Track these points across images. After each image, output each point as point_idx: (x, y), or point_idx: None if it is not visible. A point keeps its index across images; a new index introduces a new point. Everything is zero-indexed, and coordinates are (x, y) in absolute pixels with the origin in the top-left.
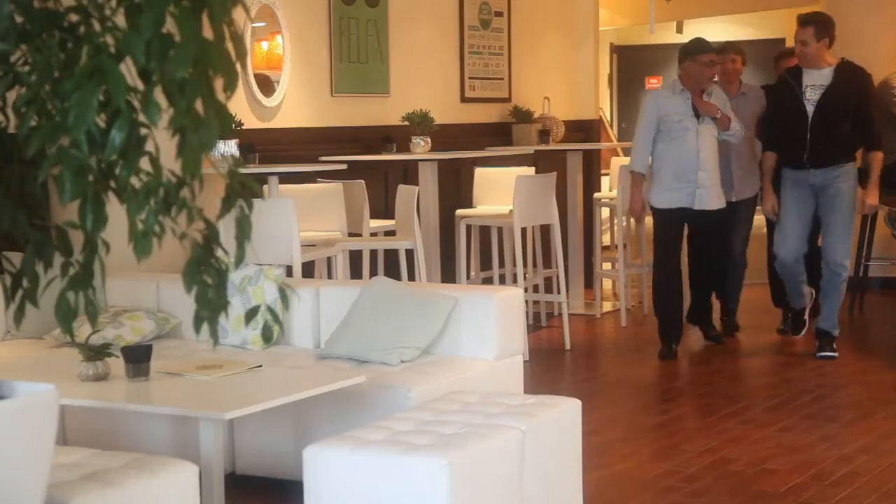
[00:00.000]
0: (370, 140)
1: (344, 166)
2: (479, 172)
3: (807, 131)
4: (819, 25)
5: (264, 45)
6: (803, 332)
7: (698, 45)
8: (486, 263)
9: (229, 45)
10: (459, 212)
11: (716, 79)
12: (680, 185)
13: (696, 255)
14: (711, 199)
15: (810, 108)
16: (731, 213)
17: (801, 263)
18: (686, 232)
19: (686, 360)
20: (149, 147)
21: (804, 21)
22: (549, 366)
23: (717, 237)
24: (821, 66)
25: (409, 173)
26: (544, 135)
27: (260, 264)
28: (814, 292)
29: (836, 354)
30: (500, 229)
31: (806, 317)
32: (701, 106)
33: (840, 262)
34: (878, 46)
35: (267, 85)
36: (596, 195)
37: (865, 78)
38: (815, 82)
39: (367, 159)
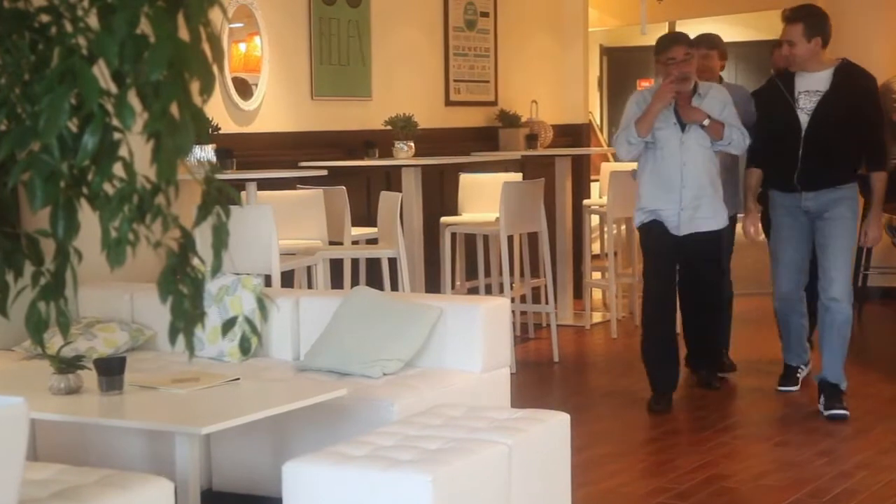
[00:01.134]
0: (351, 145)
1: (324, 172)
2: (465, 178)
3: (799, 146)
4: (809, 22)
5: (242, 46)
6: (795, 388)
7: (659, 41)
8: (471, 273)
9: (206, 47)
10: (444, 219)
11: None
12: (659, 205)
13: (686, 289)
14: (697, 220)
15: (804, 119)
16: None
17: (803, 302)
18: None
19: (679, 373)
20: (122, 152)
21: (790, 17)
22: (536, 379)
23: (712, 263)
24: (816, 68)
25: (391, 179)
26: (532, 139)
27: (237, 274)
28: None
29: (847, 413)
30: (486, 237)
31: (800, 374)
32: (683, 111)
33: (837, 297)
34: (877, 48)
35: (245, 88)
36: (585, 202)
37: (869, 82)
38: (810, 87)
39: (349, 165)
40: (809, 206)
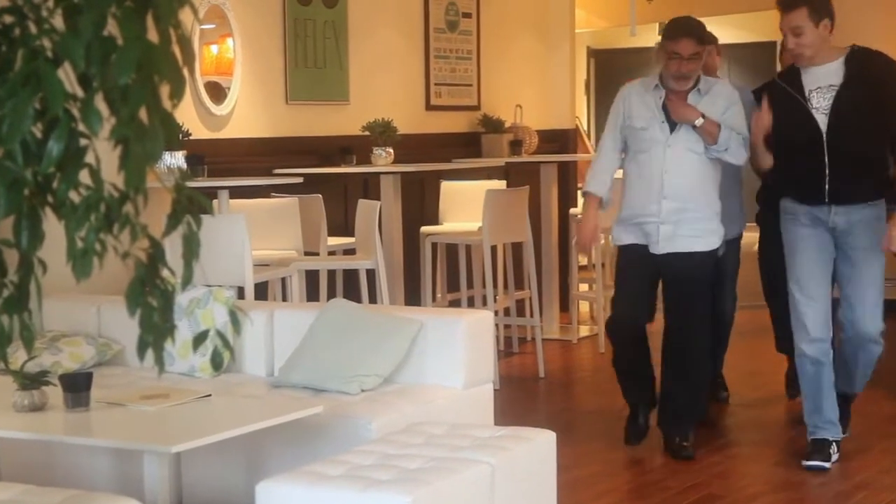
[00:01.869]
0: (328, 151)
1: (300, 179)
2: (446, 186)
3: (822, 154)
4: (814, 2)
5: (214, 48)
6: (829, 463)
7: (669, 27)
8: (453, 284)
9: (176, 49)
10: (424, 229)
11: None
12: (638, 219)
13: (668, 324)
14: (678, 239)
15: (821, 120)
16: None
17: (832, 348)
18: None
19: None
20: (89, 159)
21: (790, 2)
22: (521, 395)
23: (687, 294)
24: (825, 59)
25: (369, 187)
26: (516, 145)
27: (209, 285)
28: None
29: (846, 434)
30: (468, 247)
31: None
32: (673, 108)
33: (874, 335)
34: (877, 44)
35: (217, 92)
36: (572, 211)
37: (888, 65)
38: (822, 83)
39: (325, 172)
40: (838, 223)
